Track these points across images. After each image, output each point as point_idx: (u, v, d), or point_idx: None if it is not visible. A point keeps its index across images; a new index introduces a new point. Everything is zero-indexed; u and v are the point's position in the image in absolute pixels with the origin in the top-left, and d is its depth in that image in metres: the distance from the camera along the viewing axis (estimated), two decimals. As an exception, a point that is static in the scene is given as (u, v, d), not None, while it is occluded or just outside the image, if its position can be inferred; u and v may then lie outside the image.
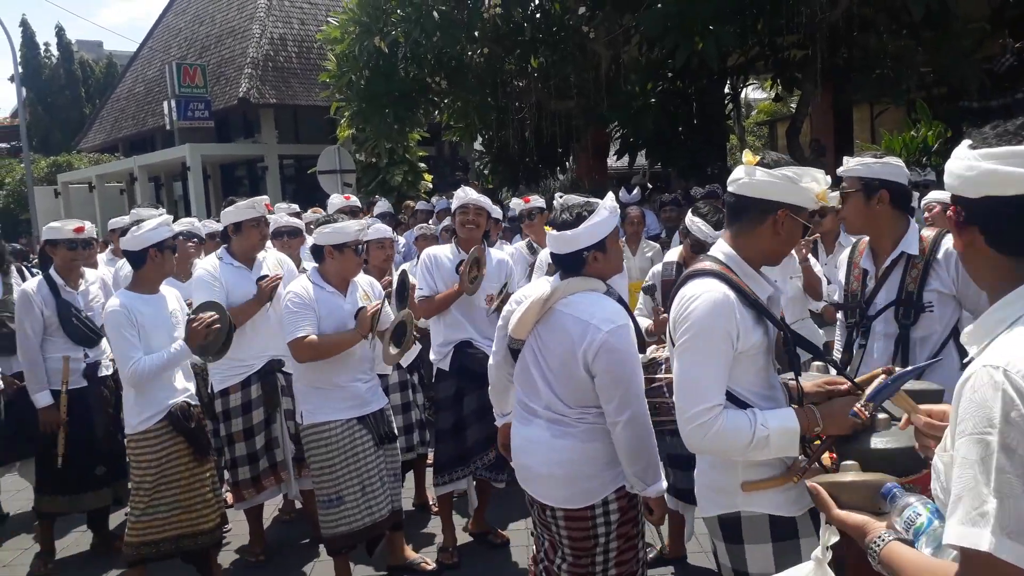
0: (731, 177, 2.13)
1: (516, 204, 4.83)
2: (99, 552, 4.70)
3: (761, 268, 2.18)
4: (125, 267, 5.16)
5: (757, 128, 26.90)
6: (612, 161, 13.44)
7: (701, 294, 2.04)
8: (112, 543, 4.72)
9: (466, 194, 4.37)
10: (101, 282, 4.80)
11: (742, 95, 24.47)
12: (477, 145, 13.96)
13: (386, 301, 4.08)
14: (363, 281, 3.99)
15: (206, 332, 3.72)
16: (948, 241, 2.83)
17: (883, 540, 1.38)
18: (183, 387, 3.90)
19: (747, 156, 2.09)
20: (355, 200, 7.51)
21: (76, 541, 4.91)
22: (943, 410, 1.59)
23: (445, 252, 4.39)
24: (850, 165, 2.86)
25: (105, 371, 4.59)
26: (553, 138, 11.60)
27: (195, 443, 3.83)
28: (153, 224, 3.78)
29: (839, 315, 3.34)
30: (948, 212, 1.37)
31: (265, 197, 4.43)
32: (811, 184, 2.07)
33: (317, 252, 3.83)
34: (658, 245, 6.62)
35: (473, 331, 4.32)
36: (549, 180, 13.42)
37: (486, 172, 13.65)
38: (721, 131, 11.23)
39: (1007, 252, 1.31)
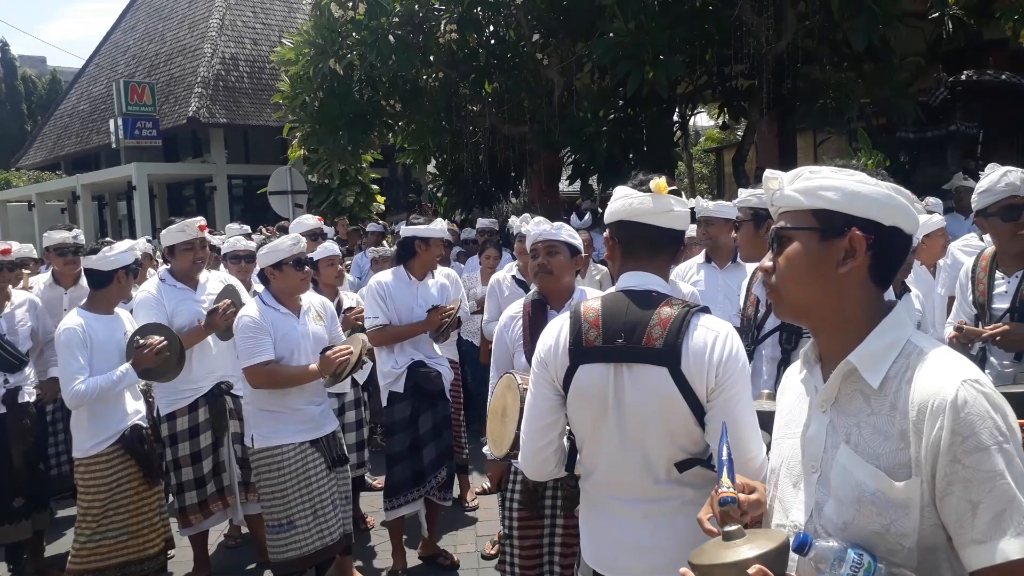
0: (641, 208, 2.02)
1: (514, 222, 4.91)
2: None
3: None
4: (49, 291, 5.02)
5: (704, 155, 27.51)
6: (564, 185, 13.61)
7: (731, 331, 1.94)
8: (48, 573, 4.56)
9: (441, 226, 4.48)
10: (30, 304, 4.62)
11: (691, 123, 25.09)
12: (431, 168, 13.99)
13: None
14: (316, 302, 3.98)
15: (154, 357, 3.67)
16: None
17: None
18: (135, 409, 3.85)
19: (658, 184, 2.01)
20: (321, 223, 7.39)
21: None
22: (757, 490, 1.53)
23: (393, 278, 4.40)
24: (743, 196, 3.05)
25: (27, 397, 4.42)
26: (507, 162, 11.69)
27: (147, 467, 3.78)
28: (123, 247, 3.79)
29: None
30: (856, 235, 1.36)
31: (200, 219, 4.33)
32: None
33: (263, 276, 3.82)
34: (606, 268, 6.71)
35: (421, 352, 4.36)
36: (502, 203, 13.50)
37: (439, 195, 13.68)
38: (670, 158, 11.44)
39: (880, 283, 1.40)
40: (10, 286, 4.47)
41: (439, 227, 4.36)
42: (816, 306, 1.41)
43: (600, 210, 13.00)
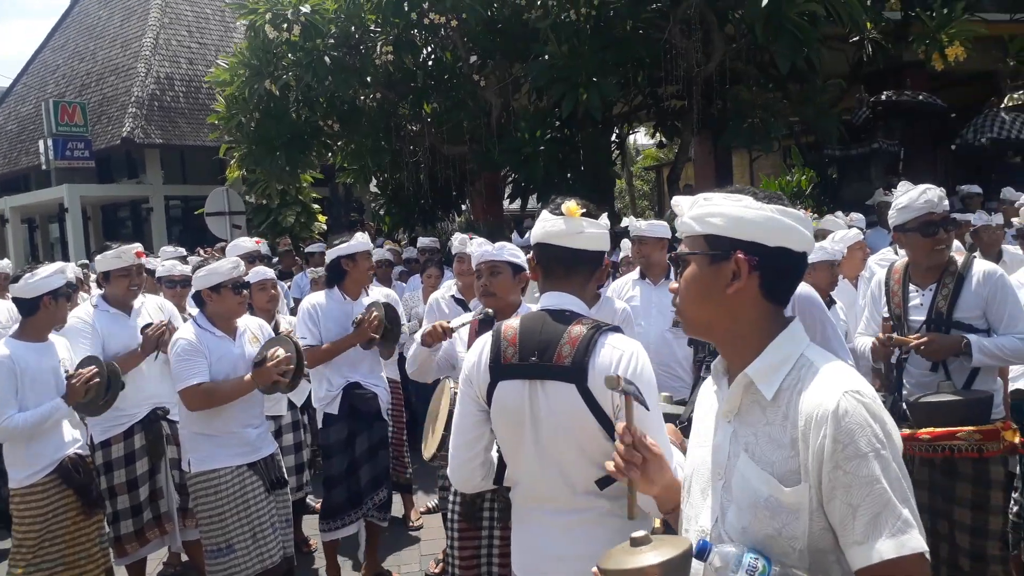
0: (553, 230, 2.11)
1: (454, 242, 4.98)
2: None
3: None
4: None
5: (644, 172, 28.03)
6: (507, 204, 13.76)
7: (638, 349, 2.03)
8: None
9: (360, 241, 4.47)
10: None
11: (632, 141, 25.61)
12: (372, 187, 13.99)
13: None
14: (252, 324, 4.00)
15: (85, 388, 3.65)
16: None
17: None
18: (72, 438, 3.81)
19: (570, 208, 2.10)
20: (264, 246, 7.32)
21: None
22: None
23: (325, 299, 4.43)
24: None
25: None
26: (447, 181, 11.79)
27: (85, 497, 3.74)
28: (48, 271, 3.72)
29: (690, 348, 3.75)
30: (739, 258, 1.43)
31: (136, 245, 4.34)
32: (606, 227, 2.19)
33: (198, 298, 3.81)
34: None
35: (357, 373, 4.38)
36: (445, 222, 13.58)
37: (381, 213, 13.69)
38: (608, 176, 11.68)
39: (775, 300, 1.47)
40: None
41: (362, 241, 4.38)
42: (713, 324, 1.49)
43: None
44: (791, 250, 1.45)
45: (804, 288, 3.22)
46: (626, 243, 5.44)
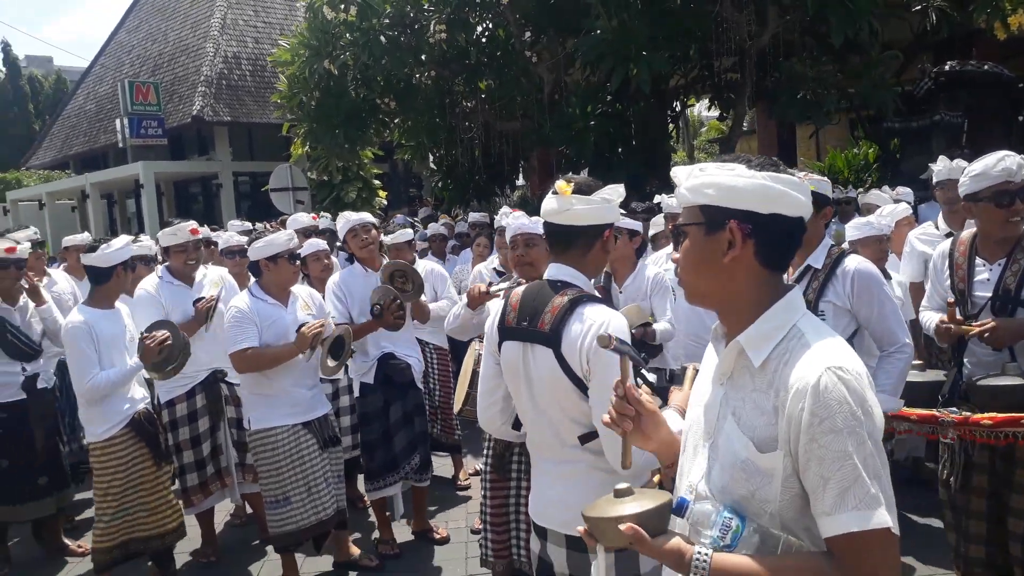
0: (548, 208, 2.26)
1: (504, 213, 5.04)
2: (52, 556, 4.90)
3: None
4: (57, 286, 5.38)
5: (709, 145, 27.65)
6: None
7: (609, 321, 2.14)
8: (66, 549, 4.91)
9: (347, 219, 4.64)
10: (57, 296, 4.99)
11: (696, 113, 25.24)
12: (430, 163, 14.26)
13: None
14: (303, 292, 4.25)
15: (159, 349, 3.95)
16: (851, 260, 3.17)
17: (705, 555, 1.36)
18: (141, 395, 4.12)
19: (561, 186, 2.24)
20: (326, 220, 7.61)
21: (34, 546, 5.08)
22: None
23: (349, 275, 4.61)
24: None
25: (45, 384, 4.75)
26: (501, 156, 11.98)
27: (155, 448, 4.05)
28: (120, 244, 4.01)
29: None
30: (733, 226, 1.44)
31: (191, 223, 4.64)
32: (619, 199, 2.29)
33: (254, 268, 4.08)
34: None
35: (391, 344, 4.57)
36: (499, 197, 13.78)
37: (439, 188, 13.97)
38: (663, 150, 11.69)
39: (773, 267, 1.49)
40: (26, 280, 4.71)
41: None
42: (711, 293, 1.52)
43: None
44: (786, 216, 1.45)
45: (863, 263, 3.20)
46: (659, 219, 5.56)
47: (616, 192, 2.28)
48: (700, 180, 1.48)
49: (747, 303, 1.48)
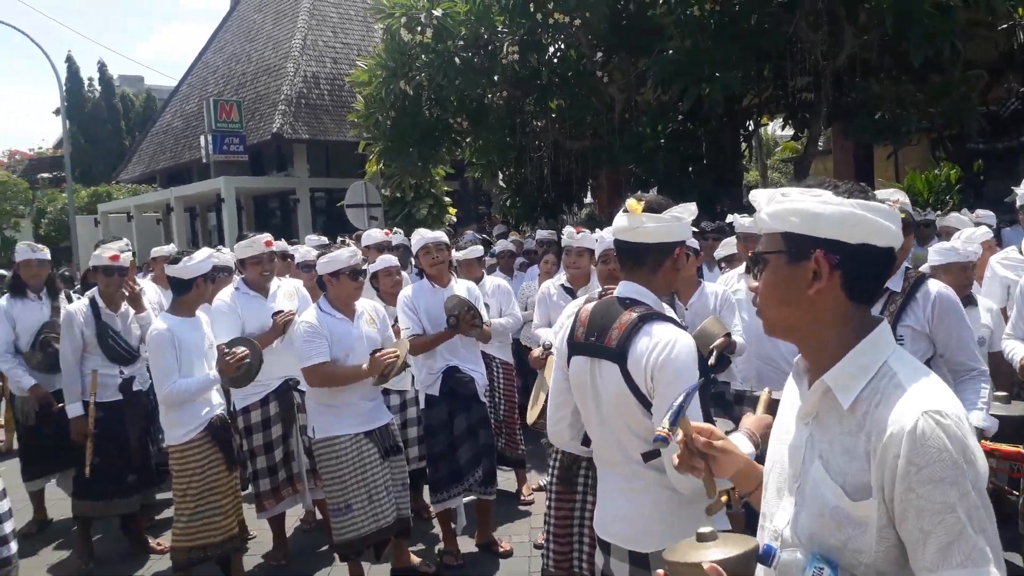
0: (619, 226, 2.30)
1: (569, 233, 5.09)
2: (135, 552, 5.12)
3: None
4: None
5: (782, 165, 27.19)
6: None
7: (676, 339, 2.15)
8: (147, 545, 5.14)
9: (421, 236, 4.74)
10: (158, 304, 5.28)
11: (770, 132, 24.85)
12: (499, 180, 14.44)
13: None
14: (367, 307, 4.36)
15: (237, 366, 4.11)
16: (932, 284, 3.14)
17: None
18: (217, 401, 4.27)
19: (632, 204, 2.27)
20: (399, 236, 7.79)
21: (115, 542, 5.33)
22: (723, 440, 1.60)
23: (417, 290, 4.71)
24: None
25: (140, 386, 4.99)
26: (570, 175, 12.06)
27: (228, 453, 4.20)
28: (201, 256, 4.18)
29: None
30: (819, 256, 1.36)
31: (266, 235, 4.80)
32: (691, 217, 2.29)
33: (320, 283, 4.23)
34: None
35: (456, 358, 4.66)
36: (567, 215, 13.84)
37: (507, 205, 14.13)
38: (735, 169, 11.59)
39: (860, 300, 1.40)
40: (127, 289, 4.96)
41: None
42: (794, 326, 1.43)
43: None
44: (875, 246, 1.37)
45: (944, 288, 3.15)
46: (731, 240, 5.52)
47: (687, 210, 2.29)
48: (783, 206, 1.39)
49: (832, 338, 1.39)
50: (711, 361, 3.47)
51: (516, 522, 5.42)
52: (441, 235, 4.80)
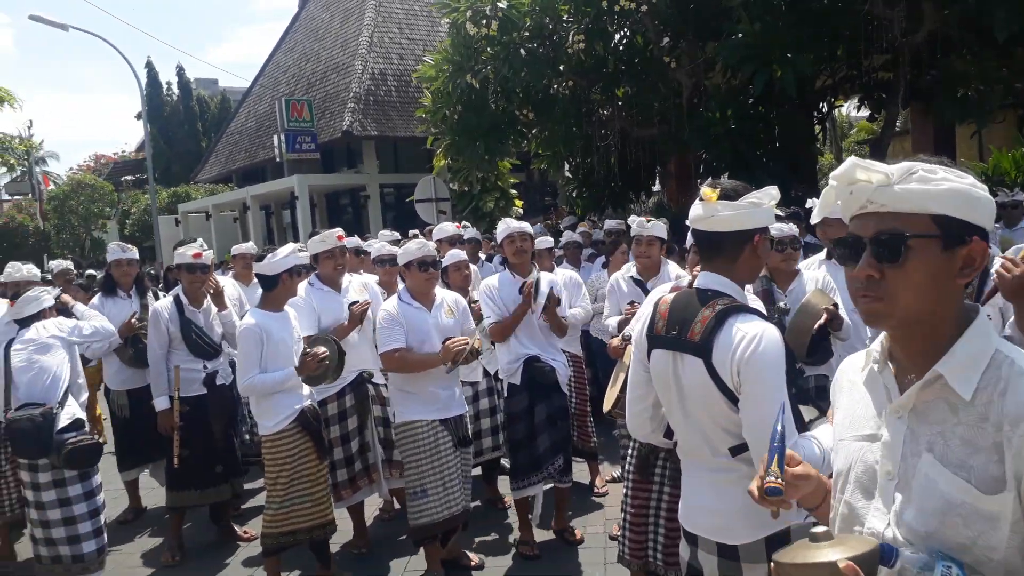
0: (694, 215, 2.23)
1: (639, 222, 5.08)
2: (224, 540, 5.33)
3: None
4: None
5: (857, 147, 26.36)
6: (700, 184, 13.65)
7: (763, 333, 2.09)
8: (235, 534, 5.34)
9: (507, 225, 4.78)
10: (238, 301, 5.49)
11: (845, 113, 24.10)
12: (566, 171, 14.42)
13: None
14: (449, 298, 4.48)
15: (316, 366, 4.23)
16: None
17: None
18: (307, 392, 4.40)
19: (706, 192, 2.19)
20: (470, 229, 7.85)
21: (205, 531, 5.55)
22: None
23: (500, 280, 4.78)
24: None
25: (223, 380, 5.16)
26: (638, 163, 11.96)
27: (319, 442, 4.33)
28: (286, 252, 4.30)
29: None
30: (977, 243, 1.29)
31: (338, 230, 4.94)
32: (772, 202, 2.19)
33: (401, 275, 4.41)
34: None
35: (537, 347, 4.70)
36: (635, 204, 13.74)
37: (574, 196, 14.08)
38: (808, 153, 11.31)
39: (966, 287, 1.34)
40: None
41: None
42: (921, 316, 1.32)
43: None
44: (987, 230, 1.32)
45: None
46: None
47: (768, 195, 2.19)
48: (942, 186, 1.28)
49: (944, 328, 1.32)
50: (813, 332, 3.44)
51: (590, 514, 5.43)
52: (527, 226, 4.83)
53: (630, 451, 3.61)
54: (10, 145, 13.48)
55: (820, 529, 1.30)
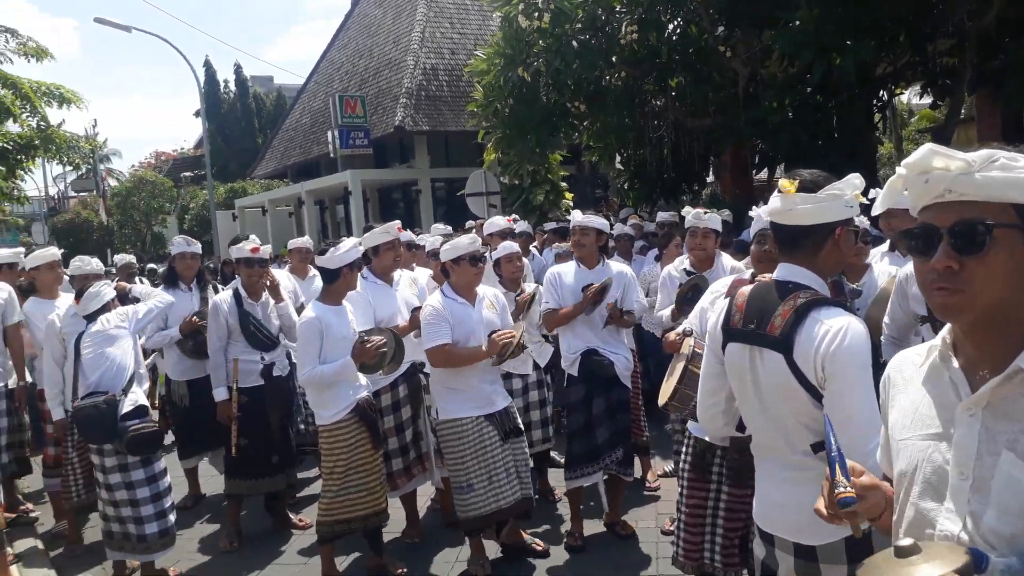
0: (772, 208, 2.19)
1: (695, 214, 5.02)
2: (279, 528, 5.43)
3: None
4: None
5: (918, 136, 25.60)
6: (756, 175, 13.41)
7: (848, 326, 2.04)
8: (290, 522, 5.44)
9: (574, 217, 4.79)
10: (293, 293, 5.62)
11: (905, 101, 23.37)
12: (617, 163, 14.30)
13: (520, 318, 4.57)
14: (488, 293, 4.48)
15: (374, 354, 4.29)
16: None
17: None
18: (364, 383, 4.47)
19: (785, 185, 2.14)
20: (521, 223, 7.85)
21: (260, 519, 5.66)
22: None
23: (568, 269, 4.81)
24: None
25: (280, 372, 5.26)
26: (691, 154, 11.80)
27: (374, 432, 4.39)
28: (348, 246, 4.37)
29: None
30: None
31: (397, 222, 5.00)
32: (855, 192, 2.12)
33: (444, 270, 4.38)
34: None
35: (597, 340, 4.69)
36: (688, 196, 13.57)
37: (625, 188, 13.96)
38: (868, 142, 11.00)
39: None
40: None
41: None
42: (1005, 308, 1.27)
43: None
44: None
45: None
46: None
47: (850, 185, 2.12)
48: (1020, 175, 1.24)
49: (1021, 320, 1.27)
50: None
51: (643, 507, 5.39)
52: (594, 220, 4.80)
53: (684, 448, 3.54)
54: (77, 144, 13.94)
55: (906, 542, 1.20)
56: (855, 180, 2.14)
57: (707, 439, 3.17)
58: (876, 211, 1.66)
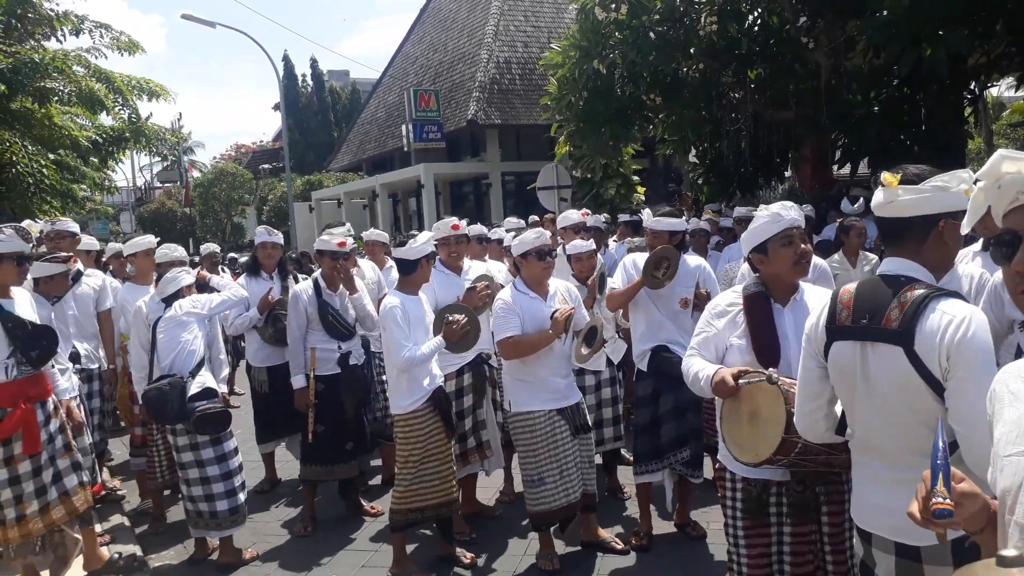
0: (876, 201, 2.18)
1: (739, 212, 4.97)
2: (351, 515, 5.52)
3: None
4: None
5: (1010, 130, 24.42)
6: (847, 170, 12.99)
7: (971, 316, 1.99)
8: (362, 509, 5.53)
9: (648, 216, 4.79)
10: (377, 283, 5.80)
11: (994, 94, 22.30)
12: (691, 157, 14.06)
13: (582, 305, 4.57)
14: (561, 286, 4.49)
15: (462, 332, 4.37)
16: None
17: None
18: (439, 373, 4.52)
19: (887, 178, 2.13)
20: (595, 218, 7.80)
21: (333, 506, 5.76)
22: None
23: (643, 258, 4.73)
24: None
25: (356, 360, 5.36)
26: (770, 148, 11.50)
27: (448, 422, 4.44)
28: (424, 239, 4.46)
29: None
30: None
31: (452, 219, 5.13)
32: (962, 186, 2.07)
33: (516, 264, 4.43)
34: (876, 257, 6.51)
35: (671, 334, 4.61)
36: (765, 190, 13.23)
37: (699, 182, 13.71)
38: (957, 136, 10.53)
39: None
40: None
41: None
42: None
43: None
44: None
45: None
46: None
47: (956, 178, 2.07)
48: None
49: None
50: None
51: (714, 508, 5.27)
52: (659, 222, 4.73)
53: (730, 493, 3.03)
54: (164, 136, 14.54)
55: (1011, 552, 1.14)
56: (963, 174, 2.08)
57: (764, 478, 2.86)
58: (964, 231, 1.65)
